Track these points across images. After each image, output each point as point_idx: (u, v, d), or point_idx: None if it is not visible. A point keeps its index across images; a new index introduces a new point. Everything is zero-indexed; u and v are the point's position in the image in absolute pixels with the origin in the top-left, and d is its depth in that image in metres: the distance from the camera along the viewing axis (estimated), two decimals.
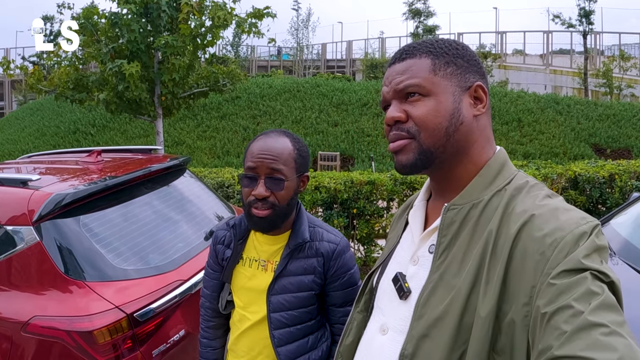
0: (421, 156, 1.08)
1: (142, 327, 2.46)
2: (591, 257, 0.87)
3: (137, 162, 3.56)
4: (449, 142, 1.07)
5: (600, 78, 25.49)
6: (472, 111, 1.11)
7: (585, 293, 0.82)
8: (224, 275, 1.90)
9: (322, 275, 1.84)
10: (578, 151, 17.73)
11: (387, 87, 1.14)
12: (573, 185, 5.92)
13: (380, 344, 1.14)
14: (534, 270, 0.89)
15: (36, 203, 2.55)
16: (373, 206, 5.50)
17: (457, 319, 0.97)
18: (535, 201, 0.99)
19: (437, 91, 1.08)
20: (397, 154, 1.11)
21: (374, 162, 15.68)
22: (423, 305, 1.03)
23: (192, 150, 18.86)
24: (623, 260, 2.96)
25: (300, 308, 1.83)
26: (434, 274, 1.05)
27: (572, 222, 0.92)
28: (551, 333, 0.82)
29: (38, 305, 2.43)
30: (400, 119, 1.09)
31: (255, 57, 41.58)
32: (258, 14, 9.38)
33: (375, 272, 1.31)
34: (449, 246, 1.06)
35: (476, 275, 0.97)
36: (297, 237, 1.82)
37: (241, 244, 1.90)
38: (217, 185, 6.00)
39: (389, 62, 1.19)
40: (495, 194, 1.05)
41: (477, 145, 1.11)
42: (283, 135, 1.79)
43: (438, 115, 1.07)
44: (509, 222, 0.98)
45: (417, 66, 1.10)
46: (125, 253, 2.72)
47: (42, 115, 23.28)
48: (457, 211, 1.07)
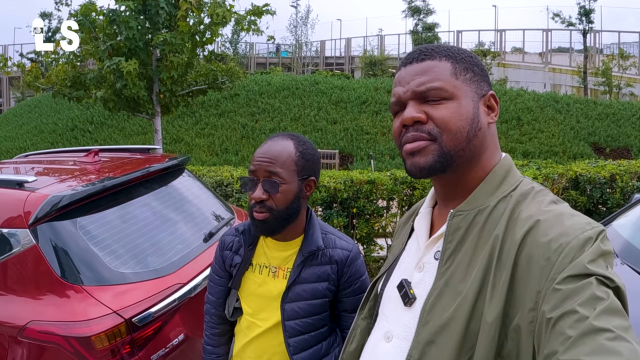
0: (441, 159, 1.06)
1: (140, 332, 2.43)
2: (596, 262, 0.87)
3: (136, 162, 3.53)
4: (467, 146, 1.07)
5: (599, 77, 25.53)
6: (487, 119, 1.12)
7: (591, 298, 0.82)
8: (233, 282, 1.89)
9: (335, 282, 1.85)
10: (577, 150, 17.75)
11: (404, 87, 1.11)
12: (574, 186, 5.90)
13: (384, 351, 1.13)
14: (540, 275, 0.90)
15: (32, 205, 2.51)
16: (373, 205, 5.47)
17: (463, 325, 0.97)
18: (541, 207, 1.00)
19: (459, 95, 1.08)
20: (415, 155, 1.08)
21: (373, 160, 15.66)
22: (429, 311, 1.03)
23: (191, 148, 18.83)
24: (625, 262, 2.97)
25: (314, 315, 1.84)
26: (440, 281, 1.05)
27: (577, 227, 0.92)
28: (556, 338, 0.82)
29: (35, 310, 2.40)
30: (421, 120, 1.07)
31: (254, 55, 41.47)
32: (257, 12, 9.33)
33: (380, 279, 1.31)
34: (455, 252, 1.05)
35: (482, 281, 0.97)
36: (310, 244, 1.82)
37: (251, 250, 1.89)
38: (216, 184, 5.98)
39: (402, 61, 1.16)
40: (501, 200, 1.06)
41: (489, 152, 1.12)
42: (288, 138, 1.79)
43: (461, 119, 1.06)
44: (515, 228, 0.98)
45: (439, 68, 1.09)
46: (123, 256, 2.69)
47: (40, 113, 23.24)
48: (463, 217, 1.07)
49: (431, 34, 29.88)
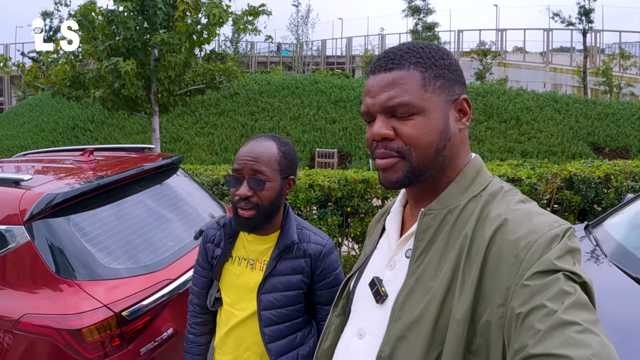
0: (410, 174, 1.08)
1: (130, 326, 2.50)
2: (564, 258, 0.89)
3: (130, 161, 3.58)
4: (437, 159, 1.08)
5: (600, 76, 25.49)
6: (458, 125, 1.11)
7: (559, 293, 0.84)
8: (213, 273, 1.98)
9: (309, 275, 1.93)
10: (576, 150, 17.71)
11: (373, 99, 1.09)
12: (568, 185, 5.90)
13: (357, 347, 1.15)
14: (509, 272, 0.91)
15: (27, 202, 2.58)
16: (367, 204, 5.49)
17: (432, 321, 0.98)
18: (510, 206, 1.02)
19: (428, 108, 1.06)
20: (385, 171, 1.10)
21: (372, 159, 15.67)
22: (400, 308, 1.05)
23: (190, 147, 18.86)
24: (614, 264, 2.96)
25: (289, 306, 1.91)
26: (411, 278, 1.07)
27: (544, 225, 0.94)
28: (526, 332, 0.83)
29: (29, 304, 2.47)
30: (389, 136, 1.07)
31: (255, 54, 41.41)
32: (254, 12, 9.37)
33: (352, 277, 1.33)
34: (425, 250, 1.07)
35: (451, 278, 0.99)
36: (286, 238, 1.90)
37: (231, 243, 1.97)
38: (212, 183, 6.01)
39: (370, 68, 1.13)
40: (471, 199, 1.07)
41: (460, 156, 1.13)
42: (270, 139, 1.88)
43: (429, 134, 1.06)
44: (484, 226, 1.00)
45: (407, 80, 1.06)
46: (115, 252, 2.75)
47: (41, 112, 23.28)
48: (433, 216, 1.08)
49: (431, 34, 29.79)
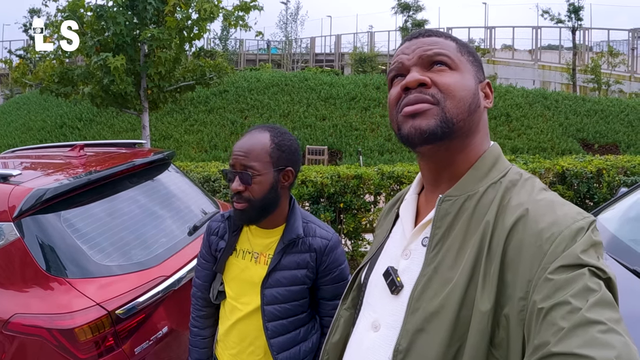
0: (442, 124, 1.03)
1: (124, 324, 2.43)
2: (588, 252, 0.87)
3: (121, 156, 3.52)
4: (468, 118, 1.06)
5: (588, 74, 25.70)
6: (484, 102, 1.13)
7: (583, 289, 0.82)
8: (217, 266, 1.96)
9: (314, 269, 1.90)
10: (566, 146, 17.86)
11: (409, 54, 1.12)
12: (561, 180, 5.94)
13: (372, 340, 1.10)
14: (531, 264, 0.88)
15: (17, 198, 2.50)
16: (360, 200, 5.48)
17: (454, 313, 0.94)
18: (531, 195, 0.99)
19: (463, 69, 1.09)
20: (415, 117, 1.05)
21: (362, 156, 15.67)
22: (417, 298, 1.01)
23: (180, 144, 18.78)
24: (610, 256, 2.99)
25: (293, 301, 1.89)
26: (428, 267, 1.02)
27: (569, 217, 0.91)
28: (548, 329, 0.81)
29: (19, 303, 2.39)
30: (426, 82, 1.06)
31: (244, 51, 41.28)
32: (245, 7, 9.33)
33: (363, 268, 1.29)
34: (443, 238, 1.03)
35: (473, 268, 0.96)
36: (291, 232, 1.88)
37: (235, 236, 1.95)
38: (203, 179, 5.97)
39: (407, 37, 1.17)
40: (490, 186, 1.04)
41: (480, 136, 1.11)
42: (265, 131, 1.85)
43: (464, 89, 1.07)
44: (505, 215, 0.97)
45: (444, 44, 1.11)
46: (107, 249, 2.68)
47: (29, 110, 23.06)
48: (452, 202, 1.05)
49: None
